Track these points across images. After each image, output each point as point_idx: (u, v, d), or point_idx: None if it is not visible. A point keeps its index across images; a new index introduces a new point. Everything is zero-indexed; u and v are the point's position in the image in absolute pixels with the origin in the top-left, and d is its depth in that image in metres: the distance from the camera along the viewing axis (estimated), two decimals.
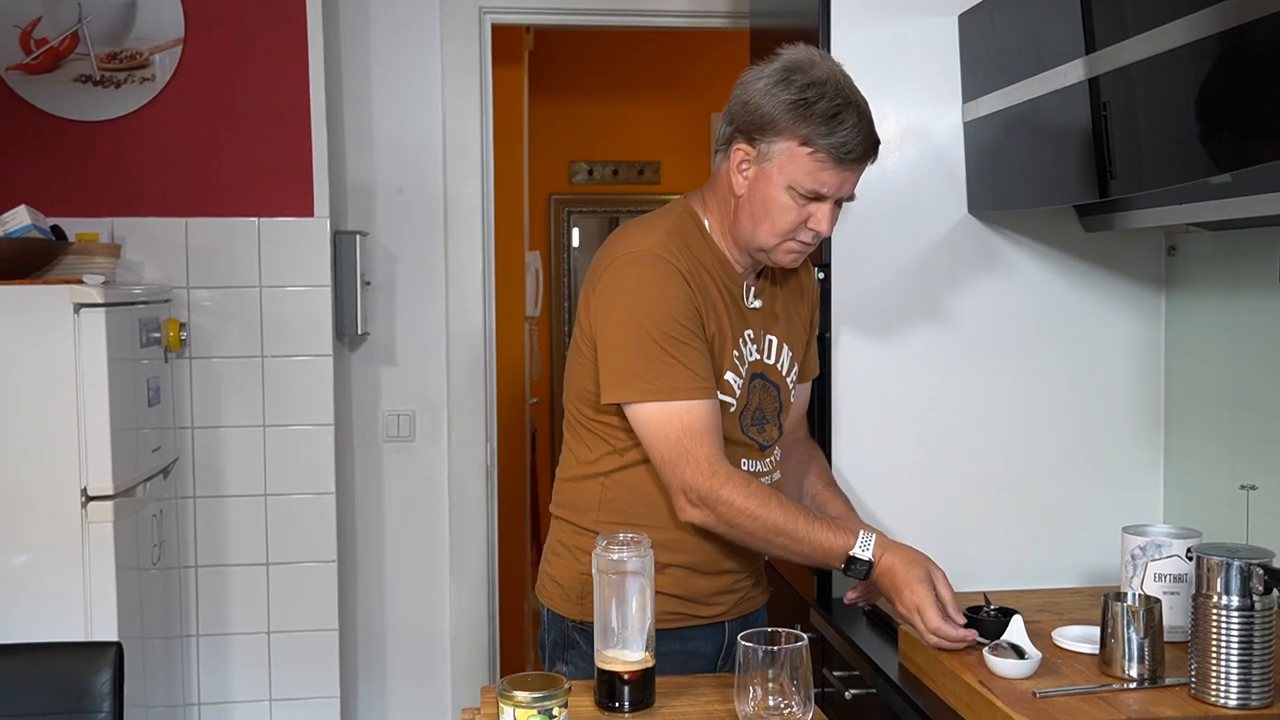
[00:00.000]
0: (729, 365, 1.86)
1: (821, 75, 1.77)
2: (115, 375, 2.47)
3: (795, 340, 1.99)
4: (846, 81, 1.79)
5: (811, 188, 1.77)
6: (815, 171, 1.76)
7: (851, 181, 1.80)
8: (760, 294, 1.93)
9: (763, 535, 1.78)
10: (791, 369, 1.99)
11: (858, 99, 1.78)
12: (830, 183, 1.77)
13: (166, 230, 2.98)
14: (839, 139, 1.74)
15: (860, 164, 1.79)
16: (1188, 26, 1.54)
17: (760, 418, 1.92)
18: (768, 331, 1.93)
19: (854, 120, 1.75)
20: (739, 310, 1.89)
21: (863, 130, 1.76)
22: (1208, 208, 1.90)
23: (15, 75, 2.91)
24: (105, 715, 1.79)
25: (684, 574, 1.88)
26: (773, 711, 1.47)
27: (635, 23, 3.54)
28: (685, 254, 1.83)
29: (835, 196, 1.79)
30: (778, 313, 1.96)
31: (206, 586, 3.05)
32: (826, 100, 1.74)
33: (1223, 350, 2.20)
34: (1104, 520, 2.29)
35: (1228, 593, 1.56)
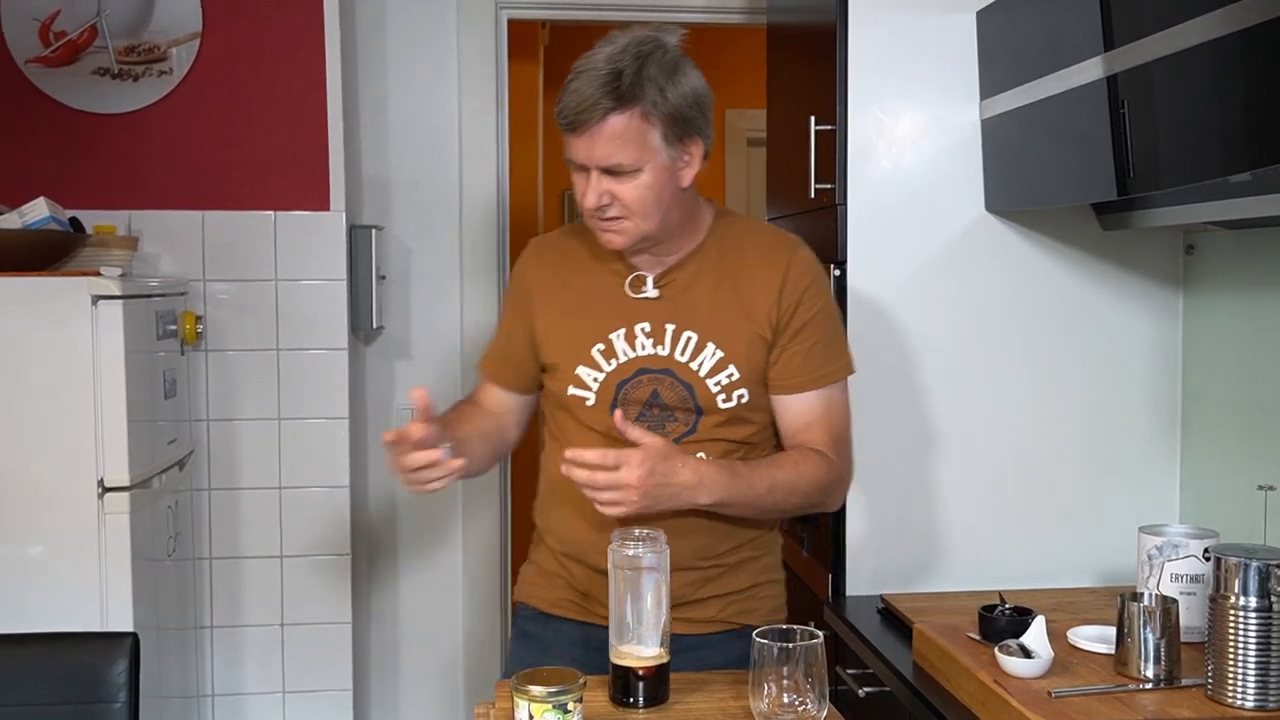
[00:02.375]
0: (585, 360, 1.82)
1: (601, 45, 1.74)
2: (132, 367, 2.48)
3: (736, 340, 1.81)
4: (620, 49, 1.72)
5: (567, 154, 1.76)
6: (566, 139, 1.75)
7: (598, 149, 1.71)
8: (666, 284, 1.83)
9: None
10: (721, 371, 1.80)
11: (613, 62, 1.70)
12: (576, 150, 1.74)
13: (183, 223, 2.99)
14: (560, 104, 1.73)
15: (585, 129, 1.70)
16: (1207, 24, 1.53)
17: (654, 416, 1.81)
18: (680, 326, 1.81)
19: (578, 84, 1.70)
20: (624, 304, 1.83)
21: (583, 94, 1.69)
22: (1226, 206, 1.89)
23: (34, 68, 2.92)
24: (121, 705, 1.80)
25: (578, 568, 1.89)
26: (787, 709, 1.47)
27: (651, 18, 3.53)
28: (563, 251, 1.93)
29: (586, 164, 1.73)
30: (702, 306, 1.81)
31: (221, 578, 3.06)
32: (579, 65, 1.73)
33: (1241, 350, 2.19)
34: (1120, 520, 2.28)
35: (1245, 593, 1.55)
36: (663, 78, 1.72)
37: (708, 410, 1.81)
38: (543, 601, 1.93)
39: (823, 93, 2.36)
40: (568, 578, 1.90)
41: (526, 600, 1.97)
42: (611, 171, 1.73)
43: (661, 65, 1.73)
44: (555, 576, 1.92)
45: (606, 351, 1.83)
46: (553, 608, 1.92)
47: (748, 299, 1.83)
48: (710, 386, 1.81)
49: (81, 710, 1.78)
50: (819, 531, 2.40)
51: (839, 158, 2.30)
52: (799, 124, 2.46)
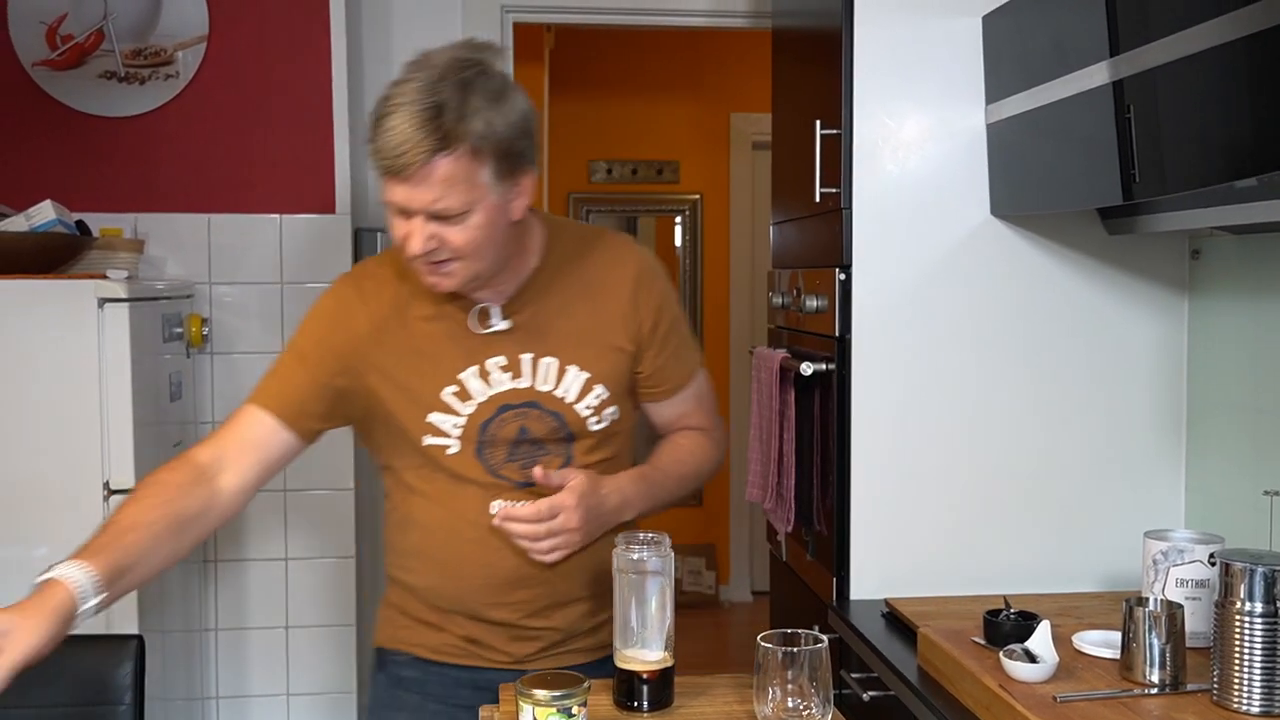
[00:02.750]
0: (436, 405, 1.70)
1: (409, 72, 1.57)
2: (138, 370, 2.48)
3: (599, 358, 1.74)
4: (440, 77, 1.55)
5: (387, 200, 1.59)
6: (384, 183, 1.58)
7: (422, 195, 1.55)
8: (515, 312, 1.72)
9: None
10: (588, 393, 1.74)
11: (435, 96, 1.53)
12: (397, 195, 1.56)
13: (189, 226, 3.00)
14: (376, 146, 1.55)
15: (404, 174, 1.53)
16: (1213, 29, 1.53)
17: (524, 452, 1.73)
18: (538, 354, 1.72)
19: (396, 124, 1.52)
20: (472, 340, 1.71)
21: (406, 136, 1.51)
22: (1232, 211, 1.89)
23: (41, 71, 2.93)
24: (126, 708, 1.80)
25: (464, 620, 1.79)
26: (792, 713, 1.47)
27: (657, 22, 3.54)
28: (390, 289, 1.73)
29: (411, 210, 1.57)
30: (556, 329, 1.73)
31: (226, 581, 3.06)
32: (388, 102, 1.55)
33: (1246, 354, 2.19)
34: (1125, 524, 2.28)
35: (1251, 599, 1.55)
36: (490, 108, 1.55)
37: (580, 435, 1.75)
38: (422, 648, 1.81)
39: (828, 96, 2.37)
40: (448, 627, 1.79)
41: (399, 647, 1.84)
42: (438, 216, 1.57)
43: (487, 93, 1.56)
44: (432, 626, 1.80)
45: (460, 393, 1.71)
46: (434, 654, 1.80)
47: (601, 311, 1.76)
48: (580, 411, 1.74)
49: (87, 713, 1.79)
50: (824, 535, 2.40)
51: (844, 162, 2.30)
52: (804, 128, 2.46)
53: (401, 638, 1.84)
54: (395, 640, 1.85)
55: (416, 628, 1.82)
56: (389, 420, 1.74)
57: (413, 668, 1.83)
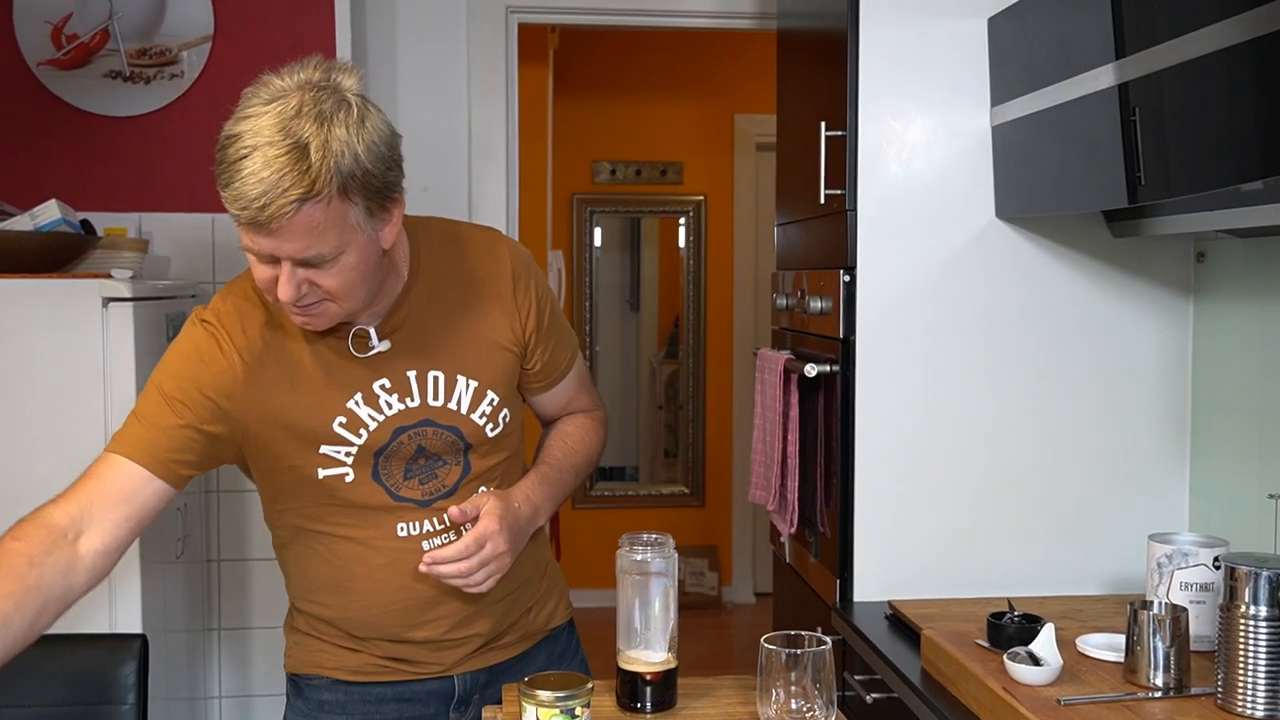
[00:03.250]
0: (328, 438, 1.62)
1: (267, 106, 1.41)
2: (142, 369, 2.48)
3: (485, 362, 1.69)
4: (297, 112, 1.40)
5: (247, 246, 1.47)
6: (242, 229, 1.45)
7: (290, 244, 1.43)
8: (392, 330, 1.64)
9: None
10: (481, 400, 1.69)
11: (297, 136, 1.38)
12: (257, 243, 1.44)
13: (193, 226, 3.00)
14: (231, 194, 1.41)
15: (267, 226, 1.40)
16: (1219, 32, 1.53)
17: (422, 468, 1.68)
18: (422, 369, 1.65)
19: (254, 169, 1.39)
20: (354, 367, 1.62)
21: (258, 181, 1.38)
22: (1238, 214, 1.89)
23: (46, 70, 2.93)
24: (130, 707, 1.81)
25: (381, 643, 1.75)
26: (795, 715, 1.47)
27: (661, 23, 3.54)
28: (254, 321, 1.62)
29: (279, 257, 1.45)
30: (438, 341, 1.66)
31: (229, 580, 3.06)
32: (242, 142, 1.40)
33: (1251, 358, 2.18)
34: (1129, 527, 2.28)
35: (1256, 602, 1.55)
36: (355, 140, 1.42)
37: (477, 444, 1.71)
38: (341, 671, 1.76)
39: (833, 98, 2.37)
40: (366, 651, 1.75)
41: (316, 671, 1.78)
42: (307, 263, 1.46)
43: (349, 124, 1.42)
44: (349, 651, 1.76)
45: (349, 424, 1.63)
46: (356, 675, 1.76)
47: (481, 314, 1.70)
48: (476, 420, 1.70)
49: (90, 711, 1.79)
50: (827, 537, 2.40)
51: (849, 163, 2.30)
52: (809, 129, 2.46)
53: (316, 661, 1.78)
54: (310, 666, 1.79)
55: (332, 651, 1.77)
56: (275, 461, 1.65)
57: (332, 690, 1.78)
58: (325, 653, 1.78)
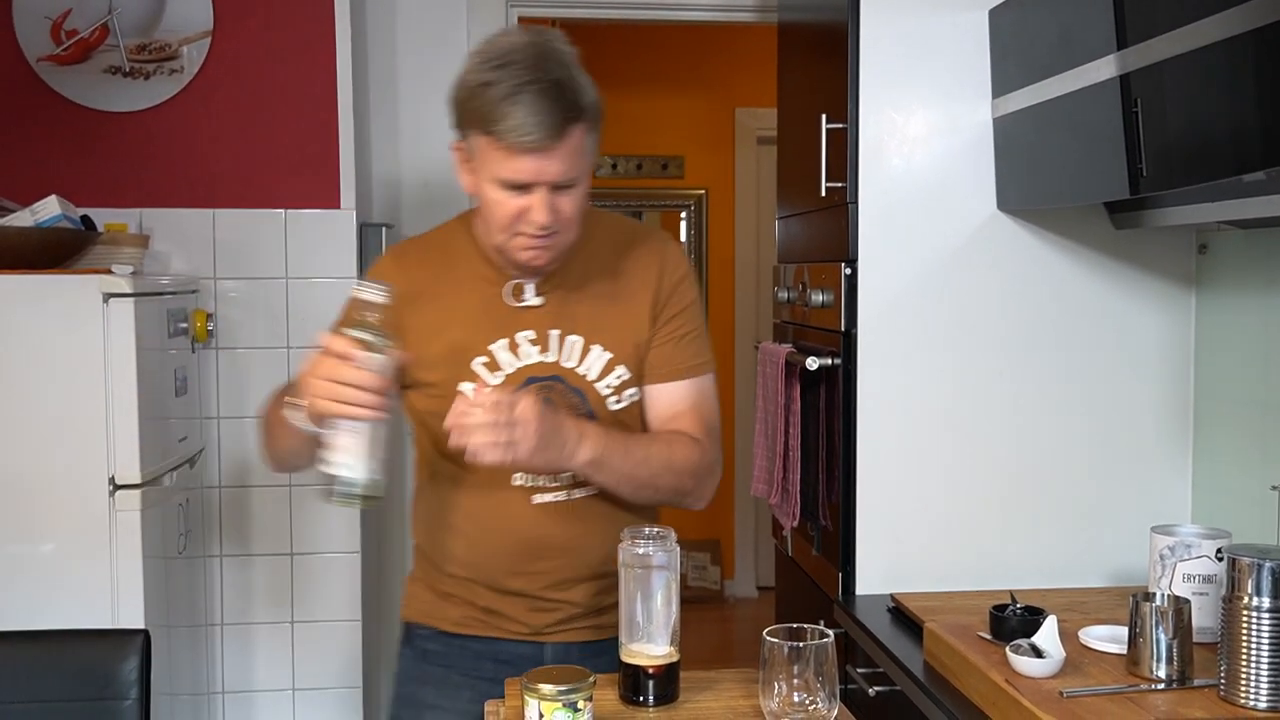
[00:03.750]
0: (467, 375, 1.74)
1: (511, 56, 1.61)
2: (143, 365, 2.48)
3: (622, 340, 1.79)
4: (544, 57, 1.61)
5: (509, 178, 1.63)
6: (506, 161, 1.61)
7: (554, 166, 1.62)
8: (548, 290, 1.77)
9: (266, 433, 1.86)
10: (610, 373, 1.78)
11: (551, 76, 1.60)
12: (525, 170, 1.62)
13: (194, 221, 3.00)
14: (513, 123, 1.58)
15: (548, 146, 1.60)
16: (1220, 23, 1.53)
17: None
18: (565, 331, 1.77)
19: (532, 100, 1.58)
20: (503, 313, 1.76)
21: (543, 109, 1.58)
22: (1240, 205, 1.88)
23: (46, 66, 2.93)
24: (132, 702, 1.80)
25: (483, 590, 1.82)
26: (797, 708, 1.47)
27: (661, 16, 3.53)
28: (425, 260, 1.80)
29: (540, 183, 1.63)
30: (584, 309, 1.78)
31: (231, 576, 3.06)
32: (506, 83, 1.59)
33: (1253, 349, 2.18)
34: (1131, 520, 2.28)
35: (1259, 594, 1.55)
36: (587, 81, 1.65)
37: (599, 415, 1.77)
38: (445, 621, 1.86)
39: (834, 91, 2.36)
40: (469, 598, 1.84)
41: (424, 621, 1.89)
42: (559, 186, 1.64)
43: (578, 67, 1.65)
44: (453, 598, 1.85)
45: (490, 364, 1.75)
46: (456, 627, 1.86)
47: (628, 296, 1.80)
48: (600, 390, 1.77)
49: (93, 707, 1.79)
50: (829, 530, 2.40)
51: (850, 156, 2.29)
52: (810, 122, 2.46)
53: (426, 611, 1.90)
54: (420, 615, 1.90)
55: (439, 602, 1.87)
56: (423, 388, 1.79)
57: (436, 641, 1.88)
58: (433, 603, 1.88)
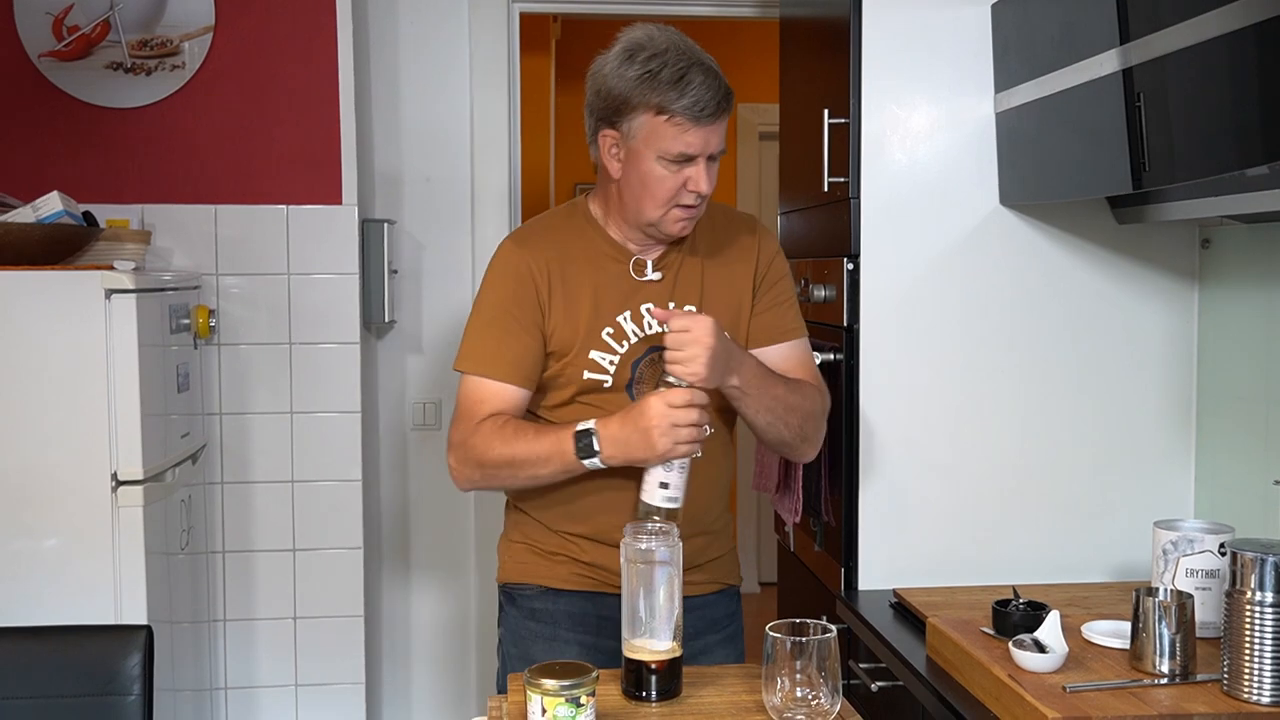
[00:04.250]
0: (596, 344, 1.89)
1: (661, 45, 1.82)
2: (145, 361, 2.48)
3: (726, 313, 1.95)
4: (688, 46, 1.84)
5: (679, 151, 1.81)
6: (677, 135, 1.80)
7: (716, 136, 1.83)
8: (665, 267, 1.94)
9: (507, 473, 1.86)
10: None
11: (701, 59, 1.83)
12: (695, 143, 1.81)
13: (196, 217, 3.00)
14: (690, 99, 1.78)
15: (717, 118, 1.82)
16: (1223, 17, 1.53)
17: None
18: (680, 304, 1.92)
19: (701, 78, 1.79)
20: (627, 287, 1.92)
21: (711, 85, 1.80)
22: (1243, 200, 1.88)
23: (47, 62, 2.92)
24: (135, 698, 1.80)
25: (590, 544, 1.93)
26: (800, 703, 1.47)
27: (663, 12, 3.52)
28: (549, 243, 1.94)
29: (704, 154, 1.83)
30: (695, 285, 1.95)
31: (234, 572, 3.07)
32: (670, 67, 1.79)
33: (1256, 344, 2.18)
34: (1134, 514, 2.28)
35: (1262, 589, 1.54)
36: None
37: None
38: (552, 578, 1.96)
39: (836, 86, 2.36)
40: (575, 554, 1.94)
41: (529, 580, 1.98)
42: (714, 157, 1.84)
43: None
44: (557, 556, 1.96)
45: (616, 334, 1.90)
46: (563, 583, 1.96)
47: (731, 273, 1.97)
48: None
49: (96, 703, 1.79)
50: (832, 526, 2.40)
51: (853, 151, 2.29)
52: (812, 118, 2.45)
53: (528, 571, 1.98)
54: (522, 574, 1.99)
55: (543, 561, 1.97)
56: (554, 357, 1.91)
57: (542, 599, 1.97)
58: (533, 562, 1.98)
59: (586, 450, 1.78)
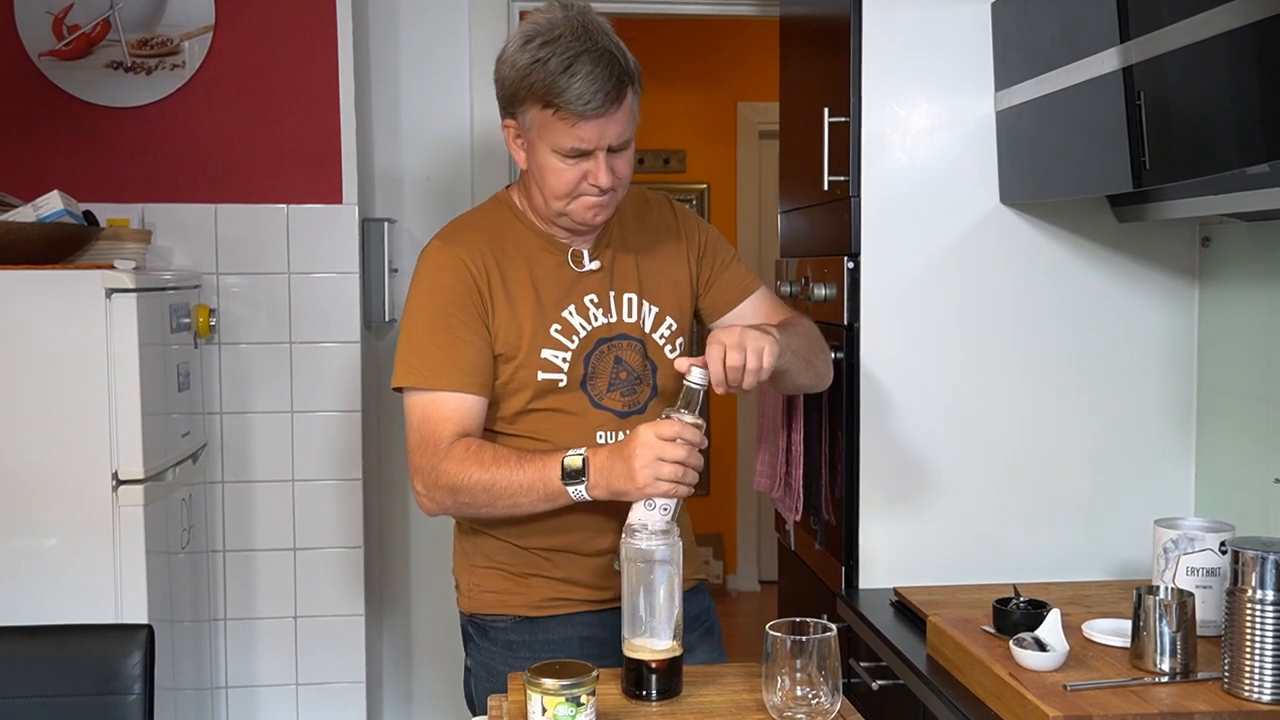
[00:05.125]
0: (546, 342, 1.83)
1: (556, 31, 1.71)
2: (146, 360, 2.48)
3: (666, 293, 1.92)
4: (585, 30, 1.71)
5: (571, 146, 1.73)
6: (568, 130, 1.72)
7: (615, 126, 1.74)
8: (601, 254, 1.89)
9: (484, 500, 1.73)
10: (661, 324, 1.91)
11: (599, 44, 1.71)
12: (588, 137, 1.72)
13: (196, 216, 3.00)
14: (575, 92, 1.68)
15: (608, 109, 1.71)
16: (1224, 15, 1.52)
17: (623, 381, 1.87)
18: (620, 291, 1.89)
19: (589, 68, 1.69)
20: (567, 279, 1.86)
21: (599, 75, 1.69)
22: (1243, 198, 1.88)
23: (48, 61, 2.92)
24: (136, 697, 1.81)
25: (564, 558, 1.87)
26: (800, 702, 1.47)
27: (663, 10, 3.53)
28: (481, 239, 1.85)
29: (600, 147, 1.74)
30: (632, 269, 1.90)
31: (234, 571, 3.07)
32: (558, 56, 1.69)
33: (1256, 342, 2.18)
34: (1134, 513, 2.28)
35: (1263, 587, 1.54)
36: (624, 45, 1.76)
37: (660, 364, 1.91)
38: (525, 607, 1.88)
39: (836, 85, 2.36)
40: (547, 571, 1.87)
41: (502, 610, 1.89)
42: (616, 148, 1.76)
43: (612, 33, 1.76)
44: (533, 577, 1.88)
45: (564, 329, 1.85)
46: (538, 610, 1.88)
47: (664, 254, 1.95)
48: (657, 340, 1.91)
49: (97, 702, 1.79)
50: (832, 525, 2.40)
51: (853, 150, 2.29)
52: (812, 116, 2.45)
53: (500, 601, 1.90)
54: (494, 605, 1.90)
55: (517, 587, 1.88)
56: (503, 360, 1.83)
57: (519, 630, 1.89)
58: (504, 591, 1.89)
59: (574, 476, 1.68)
